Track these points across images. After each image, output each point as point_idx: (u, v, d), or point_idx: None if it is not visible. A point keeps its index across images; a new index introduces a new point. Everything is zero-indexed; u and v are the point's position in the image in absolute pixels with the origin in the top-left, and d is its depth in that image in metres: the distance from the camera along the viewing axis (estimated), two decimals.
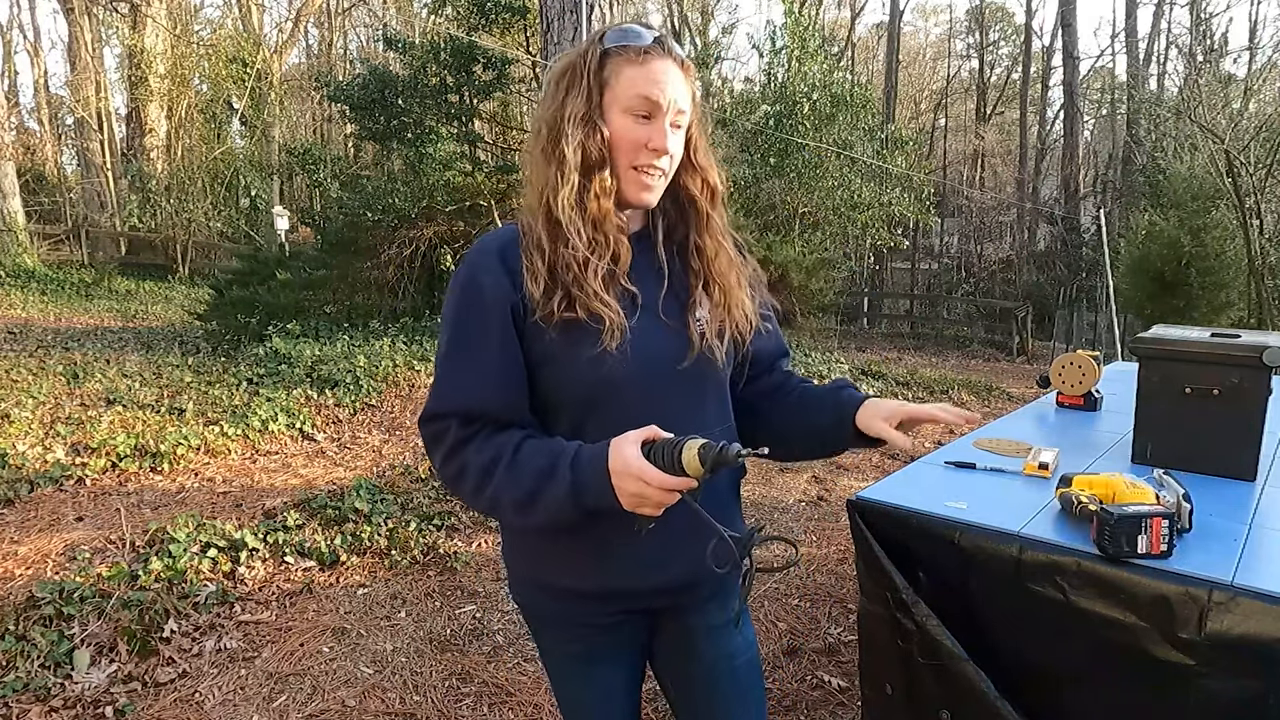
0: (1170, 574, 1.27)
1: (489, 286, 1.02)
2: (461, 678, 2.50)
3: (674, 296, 1.09)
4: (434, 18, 11.31)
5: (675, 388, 1.06)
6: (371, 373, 5.89)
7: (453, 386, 1.03)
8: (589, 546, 1.07)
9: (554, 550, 1.11)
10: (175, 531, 3.22)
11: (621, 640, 1.19)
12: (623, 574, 1.09)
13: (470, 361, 1.03)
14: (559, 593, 1.13)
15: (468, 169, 9.06)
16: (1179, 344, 1.80)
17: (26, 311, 10.16)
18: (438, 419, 1.04)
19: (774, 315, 1.27)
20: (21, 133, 18.53)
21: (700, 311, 1.09)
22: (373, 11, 22.91)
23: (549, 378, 1.04)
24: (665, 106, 1.01)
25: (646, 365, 1.03)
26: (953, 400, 7.48)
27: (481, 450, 1.01)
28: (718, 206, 1.13)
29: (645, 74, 1.01)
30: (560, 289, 1.00)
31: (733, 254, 1.15)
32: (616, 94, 1.02)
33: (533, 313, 1.00)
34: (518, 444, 1.00)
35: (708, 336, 1.08)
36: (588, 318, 0.99)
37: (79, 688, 2.32)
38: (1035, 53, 22.35)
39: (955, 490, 1.68)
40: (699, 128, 1.10)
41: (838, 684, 2.45)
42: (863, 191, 11.75)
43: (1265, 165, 9.62)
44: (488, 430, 1.02)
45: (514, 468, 0.99)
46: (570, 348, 1.01)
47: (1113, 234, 12.17)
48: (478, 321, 1.02)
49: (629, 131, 1.02)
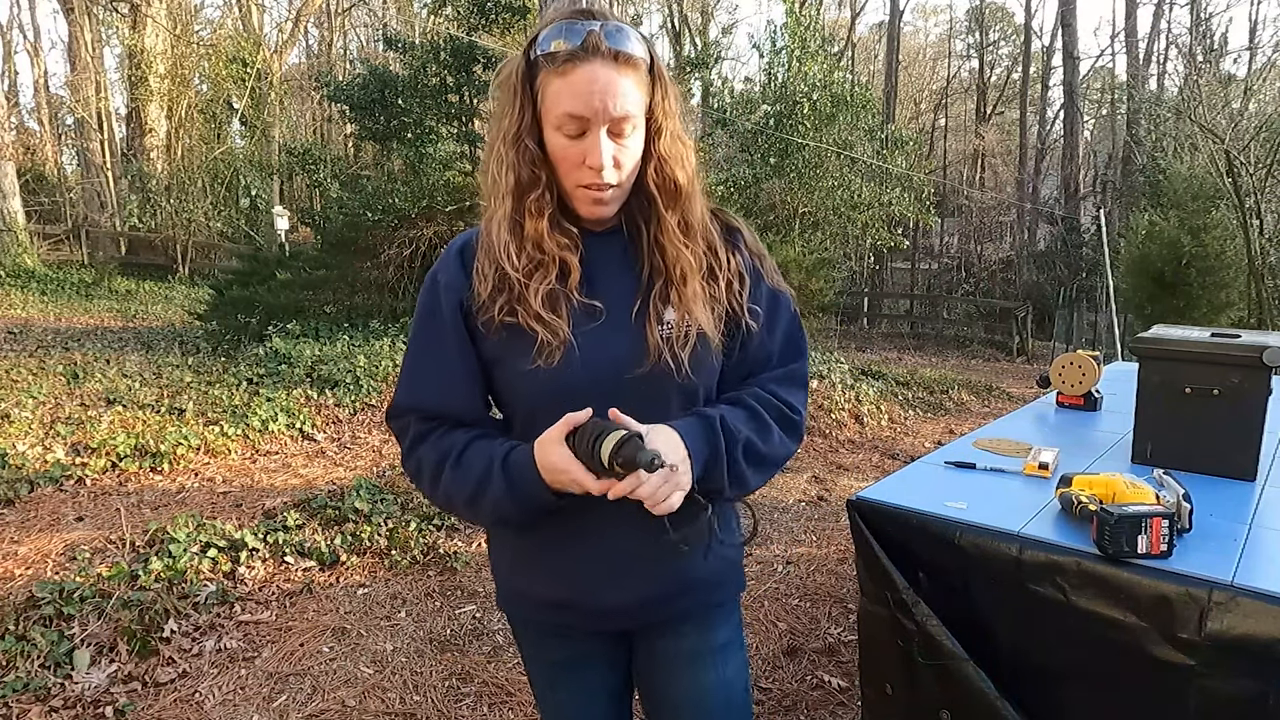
0: (1170, 574, 1.27)
1: (443, 286, 1.02)
2: (461, 678, 2.50)
3: (643, 299, 1.01)
4: (434, 18, 11.30)
5: (627, 397, 0.97)
6: (371, 373, 5.89)
7: (412, 383, 1.04)
8: (548, 556, 1.06)
9: (521, 558, 1.10)
10: (175, 531, 3.22)
11: (599, 657, 1.16)
12: (579, 587, 1.06)
13: (428, 360, 1.03)
14: (532, 601, 1.12)
15: (468, 169, 9.06)
16: (1179, 344, 1.80)
17: (26, 311, 10.15)
18: (399, 415, 1.05)
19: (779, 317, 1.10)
20: (21, 133, 18.54)
21: (668, 315, 1.00)
22: (373, 11, 22.92)
23: (498, 379, 1.03)
24: (596, 118, 0.92)
25: (594, 373, 0.98)
26: (953, 400, 7.49)
27: (435, 448, 1.02)
28: (680, 202, 1.02)
29: (569, 87, 0.91)
30: (504, 296, 0.98)
31: (693, 256, 1.02)
32: (546, 110, 0.94)
33: (480, 314, 0.99)
34: (465, 445, 1.01)
35: (672, 343, 0.99)
36: (528, 329, 0.97)
37: (79, 688, 2.32)
38: (1035, 53, 22.38)
39: (955, 490, 1.68)
40: (666, 113, 0.99)
41: (838, 684, 2.45)
42: (863, 191, 11.75)
43: (1265, 165, 9.62)
44: (443, 429, 1.03)
45: (458, 468, 1.00)
46: (513, 355, 0.99)
47: (1113, 234, 12.17)
48: (434, 320, 1.02)
49: (564, 150, 0.95)
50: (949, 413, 7.02)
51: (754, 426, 1.03)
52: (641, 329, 1.00)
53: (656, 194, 1.00)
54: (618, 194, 0.99)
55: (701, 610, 1.13)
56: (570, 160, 0.95)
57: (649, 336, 0.99)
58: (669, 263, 1.01)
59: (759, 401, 1.05)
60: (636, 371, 0.98)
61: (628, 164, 0.97)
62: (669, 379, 0.99)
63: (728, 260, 1.06)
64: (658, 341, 0.99)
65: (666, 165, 1.00)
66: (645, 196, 1.01)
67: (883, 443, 5.83)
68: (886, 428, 6.27)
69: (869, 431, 6.05)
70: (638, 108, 0.95)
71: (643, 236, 1.03)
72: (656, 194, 1.00)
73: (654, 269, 1.02)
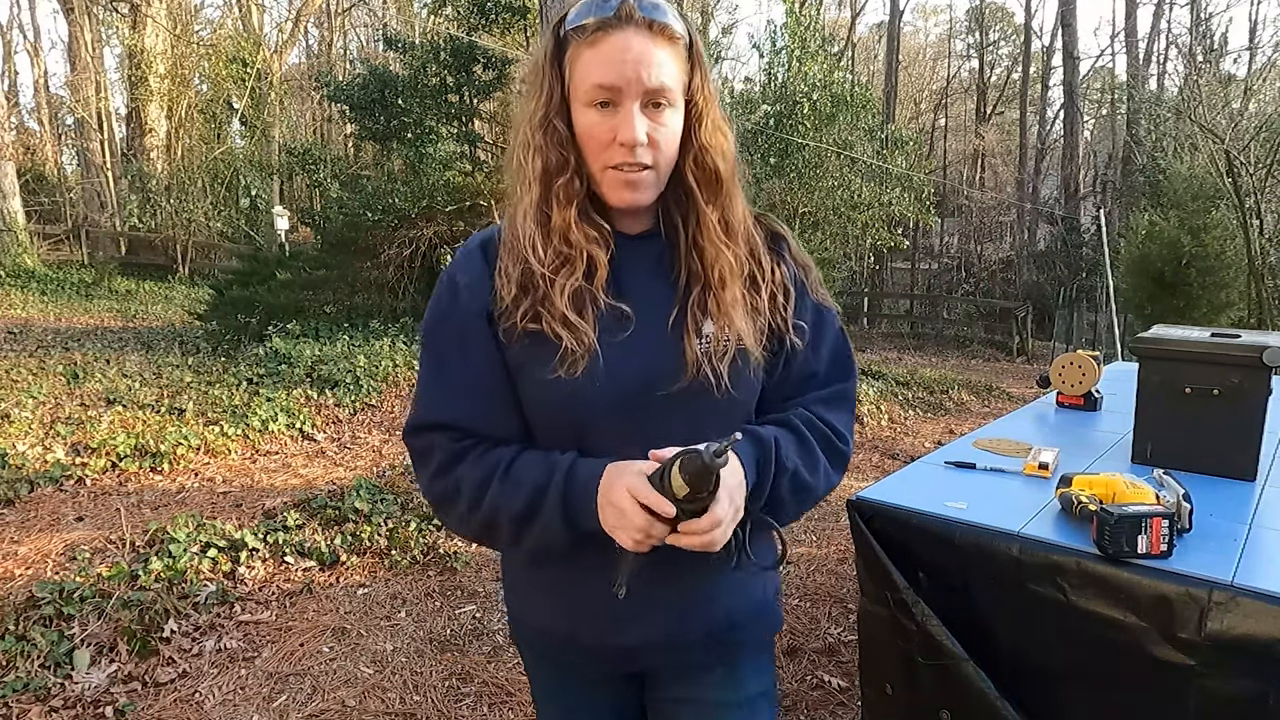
0: (1170, 574, 1.27)
1: (464, 287, 0.92)
2: (461, 678, 2.50)
3: (680, 307, 0.92)
4: (434, 18, 11.31)
5: (659, 415, 0.89)
6: (371, 373, 5.89)
7: (437, 397, 0.93)
8: (552, 583, 0.98)
9: (524, 584, 1.03)
10: (175, 531, 3.22)
11: (605, 703, 1.06)
12: (586, 623, 0.97)
13: (453, 370, 0.93)
14: (541, 636, 1.03)
15: (468, 169, 9.07)
16: (1179, 344, 1.80)
17: (26, 311, 10.15)
18: (421, 432, 0.93)
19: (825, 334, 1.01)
20: (21, 133, 18.54)
21: (706, 326, 0.90)
22: (373, 11, 22.92)
23: (521, 390, 0.92)
24: (628, 88, 0.83)
25: (620, 387, 0.88)
26: (953, 400, 7.49)
27: (478, 465, 0.90)
28: (721, 198, 0.92)
29: (599, 56, 0.84)
30: (529, 299, 0.88)
31: (734, 259, 0.93)
32: (575, 85, 0.86)
33: (502, 320, 0.89)
34: (514, 456, 0.91)
35: (711, 357, 0.89)
36: (553, 335, 0.87)
37: (79, 688, 2.31)
38: (1035, 53, 22.38)
39: (955, 490, 1.68)
40: (707, 98, 0.90)
41: (838, 684, 2.45)
42: (863, 191, 11.74)
43: (1265, 165, 9.62)
44: (485, 445, 0.92)
45: (507, 480, 0.89)
46: (535, 364, 0.89)
47: (1113, 234, 12.17)
48: (455, 325, 0.92)
49: (593, 127, 0.86)
50: (949, 413, 7.02)
51: (800, 453, 0.93)
52: (678, 340, 0.90)
53: (696, 187, 0.91)
54: (651, 178, 0.88)
55: (728, 652, 1.00)
56: (600, 139, 0.86)
57: (687, 349, 0.89)
58: (707, 265, 0.91)
59: (806, 425, 0.96)
60: (671, 388, 0.89)
61: (663, 145, 0.87)
62: (707, 395, 0.89)
63: (772, 271, 0.96)
64: (696, 355, 0.89)
65: (707, 155, 0.91)
66: (683, 190, 0.92)
67: (883, 443, 5.83)
68: (886, 428, 6.27)
69: (869, 431, 6.05)
70: (675, 83, 0.86)
71: (680, 240, 0.93)
72: (696, 187, 0.91)
73: (691, 274, 0.92)
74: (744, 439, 0.89)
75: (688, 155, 0.91)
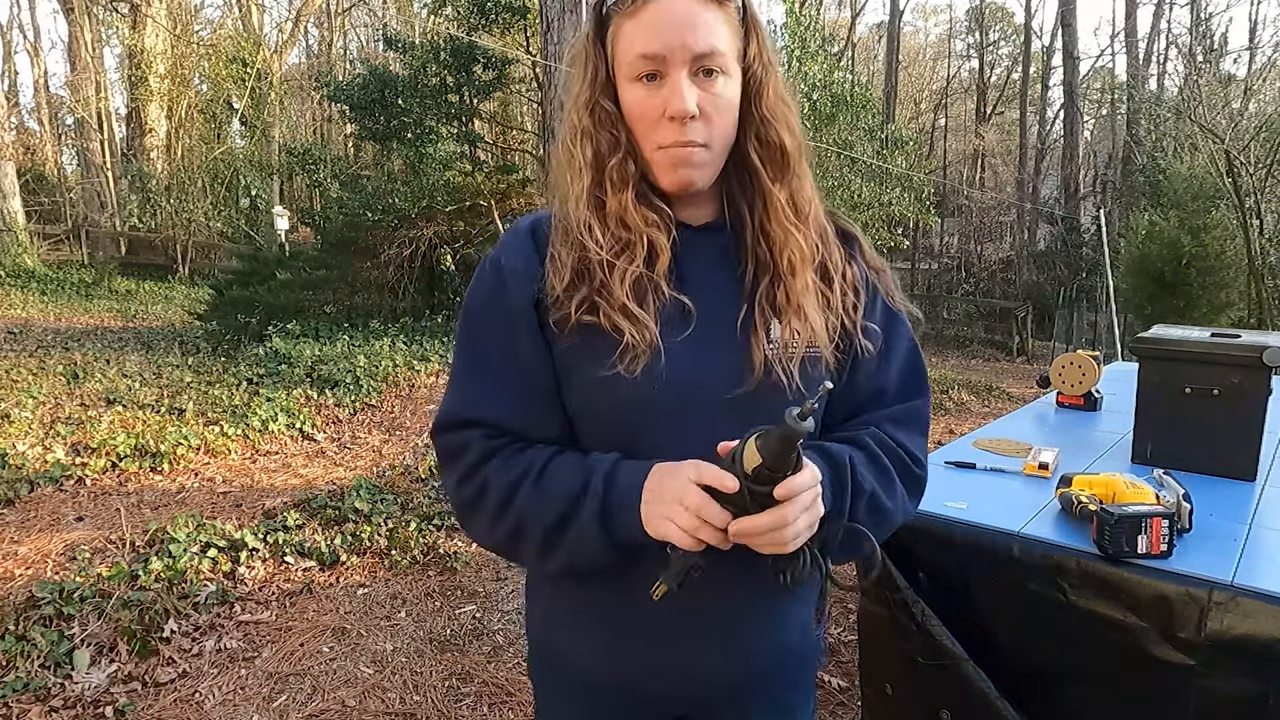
0: (1170, 574, 1.27)
1: (509, 271, 0.84)
2: (461, 678, 2.50)
3: (748, 304, 0.84)
4: (434, 18, 11.31)
5: (724, 421, 0.78)
6: (371, 373, 5.89)
7: (473, 390, 0.85)
8: (605, 619, 0.88)
9: (570, 625, 0.92)
10: (175, 531, 3.22)
11: None
12: (622, 659, 0.88)
13: (493, 361, 0.85)
14: (572, 672, 0.93)
15: (468, 169, 9.07)
16: (1179, 344, 1.80)
17: (26, 311, 10.15)
18: (454, 429, 0.85)
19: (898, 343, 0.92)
20: (21, 133, 18.54)
21: (775, 323, 0.82)
22: (373, 11, 22.92)
23: (569, 389, 0.84)
24: (673, 56, 0.76)
25: (684, 391, 0.80)
26: (953, 400, 7.49)
27: (508, 466, 0.82)
28: (789, 177, 0.84)
29: (641, 25, 0.77)
30: (584, 288, 0.81)
31: (804, 242, 0.84)
32: (619, 61, 0.80)
33: (553, 309, 0.82)
34: (549, 458, 0.82)
35: (779, 358, 0.81)
36: (611, 329, 0.79)
37: (79, 688, 2.32)
38: (1035, 53, 22.39)
39: (955, 490, 1.68)
40: (766, 66, 0.82)
41: (838, 684, 2.45)
42: (863, 191, 11.75)
43: (1265, 165, 9.62)
44: (519, 444, 0.84)
45: (540, 484, 0.80)
46: (588, 361, 0.80)
47: (1113, 234, 12.17)
48: (498, 312, 0.84)
49: (641, 103, 0.79)
50: (949, 413, 7.02)
51: (877, 475, 0.85)
52: (746, 339, 0.82)
53: (761, 166, 0.83)
54: (706, 156, 0.80)
55: (780, 693, 0.93)
56: (648, 117, 0.79)
57: (755, 349, 0.81)
58: (776, 251, 0.83)
59: (880, 446, 0.87)
60: (737, 391, 0.81)
61: (717, 119, 0.79)
62: (776, 400, 0.80)
63: (844, 269, 0.89)
64: (765, 355, 0.81)
65: (771, 129, 0.82)
66: (747, 170, 0.84)
67: None
68: None
69: None
70: (727, 47, 0.78)
71: (746, 229, 0.85)
72: (761, 166, 0.83)
73: (759, 265, 0.84)
74: (816, 456, 0.81)
75: (749, 131, 0.83)
